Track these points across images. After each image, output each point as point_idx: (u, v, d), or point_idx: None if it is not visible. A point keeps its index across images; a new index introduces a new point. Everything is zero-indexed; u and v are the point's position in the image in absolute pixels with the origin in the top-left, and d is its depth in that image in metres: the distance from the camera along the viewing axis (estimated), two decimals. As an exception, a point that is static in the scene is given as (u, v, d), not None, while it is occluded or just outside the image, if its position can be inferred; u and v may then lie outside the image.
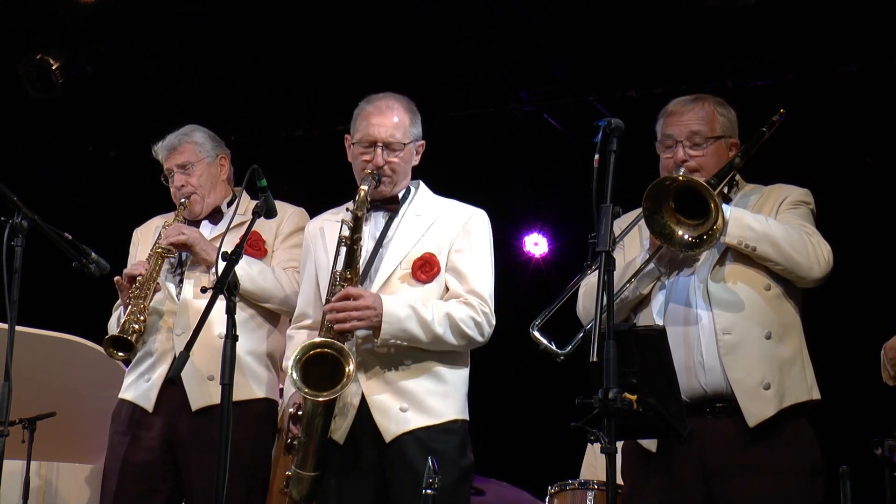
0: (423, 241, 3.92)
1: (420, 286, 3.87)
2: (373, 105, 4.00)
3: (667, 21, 6.18)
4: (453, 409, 3.86)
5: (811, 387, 3.73)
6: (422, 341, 3.79)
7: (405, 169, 4.00)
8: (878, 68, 6.32)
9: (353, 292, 3.76)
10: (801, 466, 3.64)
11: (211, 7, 6.29)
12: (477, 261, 3.93)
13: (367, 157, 3.94)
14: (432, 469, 3.44)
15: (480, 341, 3.90)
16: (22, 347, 3.77)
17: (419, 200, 4.04)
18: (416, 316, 3.77)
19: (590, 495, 4.83)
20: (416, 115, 4.04)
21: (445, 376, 3.87)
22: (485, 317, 3.88)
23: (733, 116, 3.92)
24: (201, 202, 4.48)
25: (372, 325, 3.75)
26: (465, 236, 3.95)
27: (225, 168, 4.57)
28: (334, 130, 7.29)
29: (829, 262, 3.70)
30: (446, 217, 3.98)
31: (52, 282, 6.55)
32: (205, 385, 4.23)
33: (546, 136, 7.28)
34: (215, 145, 4.56)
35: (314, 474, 3.80)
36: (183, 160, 4.47)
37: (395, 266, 3.88)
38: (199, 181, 4.47)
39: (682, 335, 3.66)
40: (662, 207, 3.59)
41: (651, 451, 3.68)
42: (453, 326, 3.81)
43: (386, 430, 3.77)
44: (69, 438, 5.36)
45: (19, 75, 6.56)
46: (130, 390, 4.37)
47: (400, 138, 3.95)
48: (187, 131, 4.55)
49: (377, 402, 3.79)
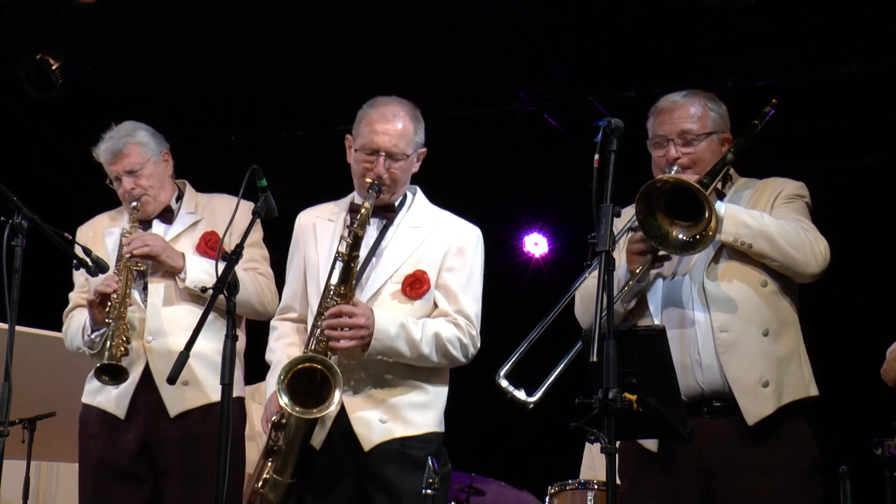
0: (414, 256, 3.90)
1: (409, 302, 3.87)
2: (377, 111, 3.93)
3: (667, 21, 6.19)
4: (432, 421, 3.88)
5: (809, 383, 3.72)
6: (406, 358, 3.81)
7: (405, 178, 3.97)
8: (878, 68, 6.32)
9: (346, 310, 3.75)
10: (800, 465, 3.62)
11: (211, 7, 6.29)
12: (467, 281, 3.93)
13: (367, 164, 3.89)
14: (432, 469, 3.44)
15: (463, 362, 3.91)
16: (22, 347, 3.77)
17: (416, 210, 4.00)
18: (405, 335, 3.78)
19: (590, 495, 4.83)
20: (420, 123, 3.98)
21: (426, 390, 3.89)
22: (471, 339, 3.90)
23: (724, 111, 3.89)
24: (153, 202, 4.41)
25: (363, 343, 3.76)
26: (459, 255, 3.93)
27: (169, 164, 4.47)
28: (334, 130, 7.29)
29: (825, 257, 3.68)
30: (441, 233, 3.95)
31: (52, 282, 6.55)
32: (180, 391, 4.18)
33: (546, 136, 7.28)
34: (158, 142, 4.45)
35: (291, 481, 3.81)
36: (130, 163, 4.38)
37: (385, 279, 3.87)
38: (149, 182, 4.39)
39: (678, 334, 3.64)
40: (655, 210, 3.56)
41: (651, 450, 3.67)
42: (439, 347, 3.83)
43: (366, 439, 3.78)
44: (69, 438, 5.34)
45: (19, 75, 6.56)
46: (97, 395, 4.31)
47: (403, 148, 3.89)
48: (129, 131, 4.44)
49: (358, 413, 3.80)
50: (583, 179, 3.54)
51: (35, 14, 6.35)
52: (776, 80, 6.50)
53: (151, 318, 4.25)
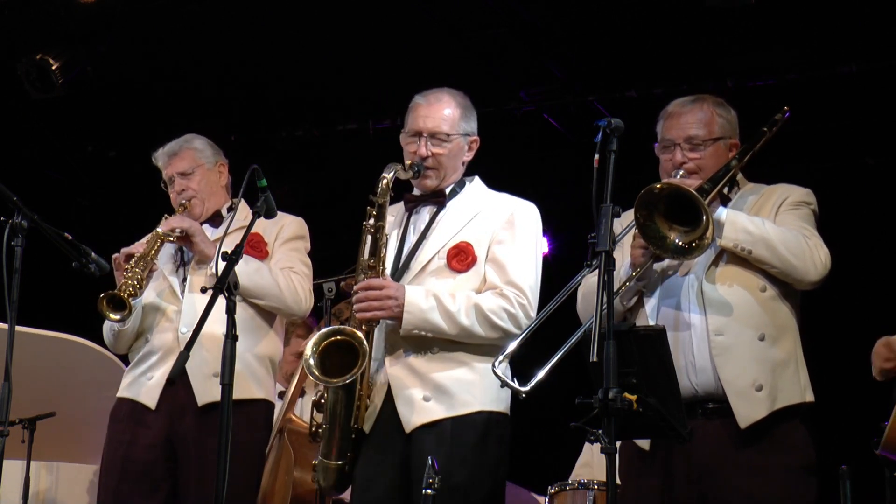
0: (462, 231, 3.88)
1: (455, 276, 3.83)
2: (424, 98, 3.99)
3: (667, 21, 6.18)
4: (479, 399, 3.77)
5: (804, 389, 3.71)
6: (448, 333, 3.75)
7: (453, 163, 3.96)
8: (878, 68, 6.32)
9: (375, 283, 3.75)
10: (794, 467, 3.62)
11: (211, 7, 6.29)
12: (518, 252, 3.88)
13: (412, 146, 3.92)
14: (432, 469, 3.43)
15: (517, 333, 3.77)
16: (22, 347, 3.78)
17: (468, 194, 4.00)
18: (439, 307, 3.73)
19: (590, 495, 4.83)
20: (470, 111, 4.02)
21: (473, 366, 3.80)
22: (521, 308, 3.80)
23: (733, 117, 3.90)
24: (201, 205, 4.51)
25: (394, 314, 3.73)
26: (509, 228, 3.90)
27: (224, 175, 4.61)
28: (334, 130, 7.31)
29: (826, 265, 3.68)
30: (491, 209, 3.94)
31: (52, 282, 6.55)
32: (210, 381, 4.22)
33: (546, 136, 7.28)
34: (214, 152, 4.60)
35: (339, 463, 3.79)
36: (183, 166, 4.52)
37: (431, 256, 3.85)
38: (199, 186, 4.51)
39: (673, 335, 3.62)
40: (654, 214, 3.56)
41: (644, 449, 3.67)
42: (481, 317, 3.75)
43: (406, 420, 3.73)
44: (69, 438, 5.36)
45: (19, 75, 6.56)
46: (131, 388, 4.37)
47: (446, 129, 3.92)
48: (188, 138, 4.60)
49: (401, 390, 3.76)
50: (583, 179, 3.54)
51: (35, 14, 6.35)
52: (776, 80, 6.50)
53: (187, 310, 4.30)
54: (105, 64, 6.68)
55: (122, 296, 4.16)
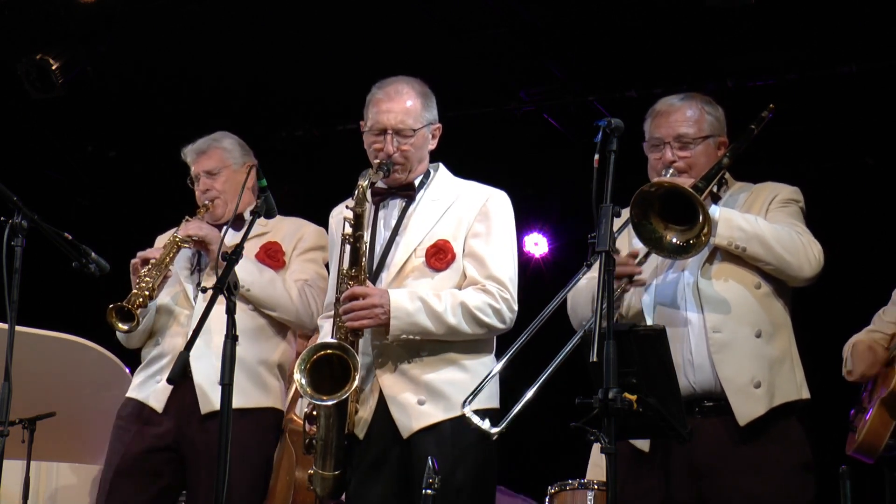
0: (437, 227, 3.84)
1: (435, 274, 3.80)
2: (383, 91, 3.93)
3: (667, 21, 6.18)
4: (475, 398, 3.71)
5: (800, 386, 3.71)
6: (435, 333, 3.72)
7: (419, 154, 3.91)
8: (878, 68, 6.32)
9: (358, 291, 3.72)
10: (792, 465, 3.62)
11: (211, 7, 6.29)
12: (495, 245, 3.83)
13: (378, 145, 3.87)
14: (432, 469, 3.43)
15: (501, 328, 3.79)
16: (22, 347, 3.78)
17: (437, 184, 3.95)
18: (426, 308, 3.70)
19: (590, 495, 4.82)
20: (430, 98, 3.97)
21: (465, 365, 3.78)
22: (504, 303, 3.78)
23: (721, 115, 3.89)
24: (224, 206, 4.46)
25: (381, 322, 3.69)
26: (483, 220, 3.85)
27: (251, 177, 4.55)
28: (334, 130, 7.31)
29: (819, 261, 3.68)
30: (463, 200, 3.89)
31: (52, 282, 6.55)
32: (215, 389, 4.17)
33: (546, 136, 7.28)
34: (243, 153, 4.55)
35: (335, 474, 3.76)
36: (210, 165, 4.48)
37: (408, 255, 3.81)
38: (224, 186, 4.46)
39: (670, 333, 3.61)
40: (649, 214, 3.56)
41: (643, 451, 3.67)
42: (467, 315, 3.73)
43: (403, 426, 3.71)
44: (69, 438, 5.36)
45: (19, 75, 6.56)
46: (140, 390, 4.35)
47: (411, 124, 3.87)
48: (217, 137, 4.55)
49: (394, 396, 3.73)
50: (583, 179, 3.54)
51: (35, 14, 6.35)
52: (776, 80, 6.50)
53: (199, 314, 4.26)
54: (105, 64, 6.68)
55: (130, 307, 4.16)
